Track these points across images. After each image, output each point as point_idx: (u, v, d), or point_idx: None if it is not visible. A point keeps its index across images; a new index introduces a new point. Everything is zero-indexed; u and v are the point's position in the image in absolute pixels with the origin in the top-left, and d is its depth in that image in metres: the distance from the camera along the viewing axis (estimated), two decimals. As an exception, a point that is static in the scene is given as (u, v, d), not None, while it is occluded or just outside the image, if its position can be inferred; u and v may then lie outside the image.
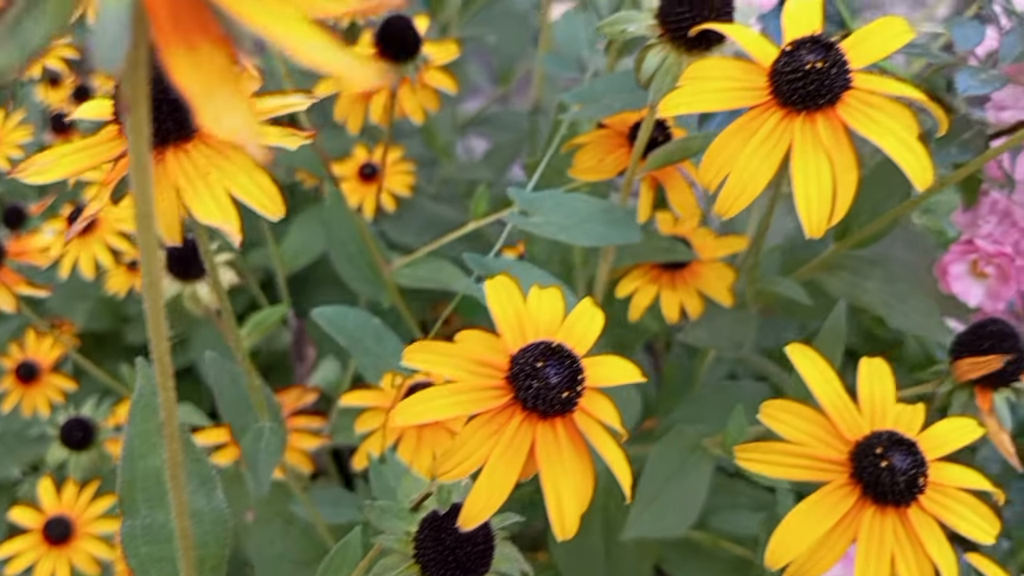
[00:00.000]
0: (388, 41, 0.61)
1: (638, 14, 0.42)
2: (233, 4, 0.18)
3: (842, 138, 0.35)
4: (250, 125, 0.19)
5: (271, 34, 0.18)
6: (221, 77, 0.19)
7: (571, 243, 0.47)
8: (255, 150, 0.19)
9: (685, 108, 0.38)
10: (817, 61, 0.34)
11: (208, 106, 0.19)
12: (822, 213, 0.35)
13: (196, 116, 0.18)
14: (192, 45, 0.19)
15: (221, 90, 0.19)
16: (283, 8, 0.19)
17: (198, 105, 0.19)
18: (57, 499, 0.77)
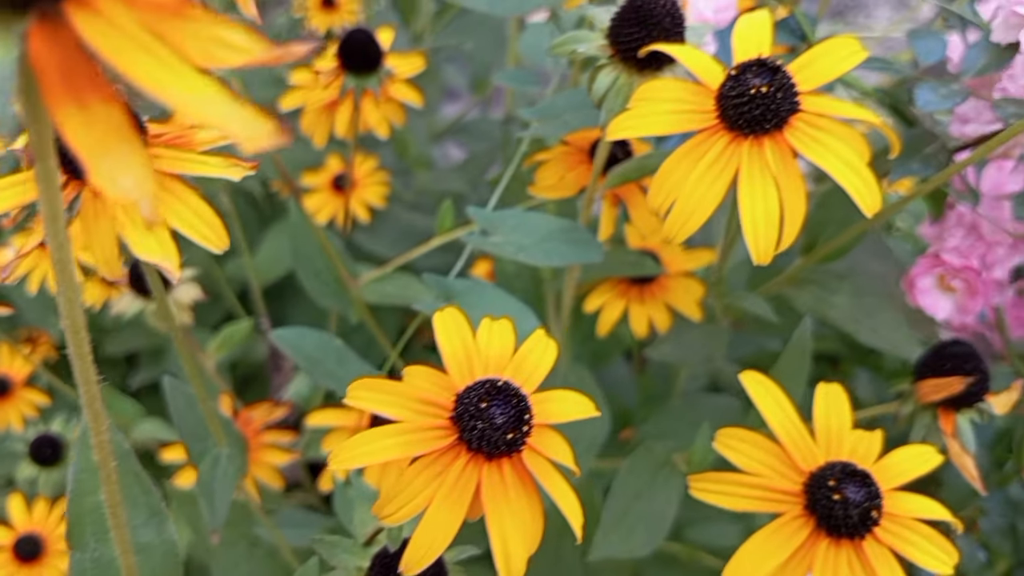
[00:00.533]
0: (349, 55, 0.61)
1: (589, 34, 0.41)
2: (122, 61, 0.17)
3: (790, 163, 0.35)
4: (144, 186, 0.18)
5: (162, 91, 0.17)
6: (116, 135, 0.18)
7: (531, 263, 0.46)
8: (148, 211, 0.18)
9: (633, 131, 0.38)
10: (763, 85, 0.34)
11: (101, 165, 0.18)
12: (769, 240, 0.34)
13: (89, 175, 0.18)
14: (83, 103, 0.18)
15: (116, 148, 0.18)
16: (176, 62, 0.18)
17: (90, 164, 0.18)
18: (28, 516, 0.76)
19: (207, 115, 0.17)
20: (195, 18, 0.19)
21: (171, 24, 0.18)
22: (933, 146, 0.48)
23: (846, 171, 0.34)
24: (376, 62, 0.61)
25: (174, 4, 0.19)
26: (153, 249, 0.34)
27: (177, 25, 0.18)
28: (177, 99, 0.17)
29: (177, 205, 0.35)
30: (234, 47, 0.19)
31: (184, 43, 0.18)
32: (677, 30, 0.39)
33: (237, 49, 0.19)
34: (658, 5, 0.38)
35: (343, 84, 0.62)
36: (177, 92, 0.17)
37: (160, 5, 0.18)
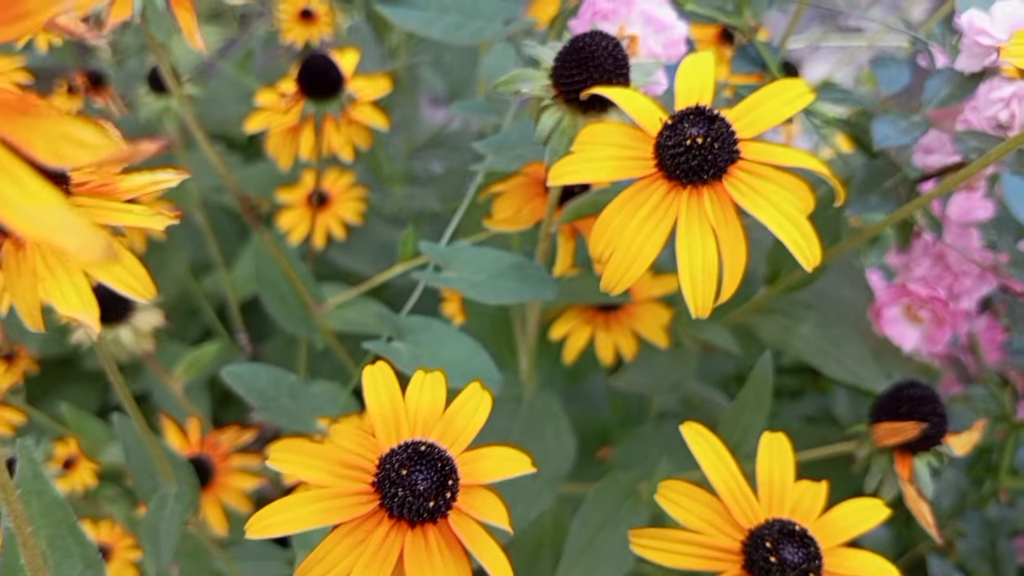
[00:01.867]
0: (309, 80, 0.60)
1: (535, 72, 0.40)
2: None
3: (730, 213, 0.34)
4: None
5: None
6: None
7: (481, 300, 0.45)
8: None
9: (574, 177, 0.37)
10: (699, 136, 0.33)
11: None
12: (707, 293, 0.33)
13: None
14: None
15: None
16: (19, 172, 0.17)
17: None
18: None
19: (43, 228, 0.16)
20: (43, 115, 0.18)
21: (19, 122, 0.18)
22: (893, 179, 0.47)
23: (785, 224, 0.33)
24: (336, 87, 0.60)
25: (22, 102, 0.18)
26: (73, 303, 0.33)
27: (25, 123, 0.18)
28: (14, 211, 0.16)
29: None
30: (83, 144, 0.18)
31: (32, 141, 0.18)
32: (620, 72, 0.38)
33: (86, 146, 0.18)
34: (599, 47, 0.37)
35: (303, 109, 0.61)
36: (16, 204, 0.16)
37: (7, 103, 0.18)
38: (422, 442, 0.30)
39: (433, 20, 0.53)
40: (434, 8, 0.53)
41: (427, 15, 0.53)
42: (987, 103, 0.45)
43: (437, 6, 0.53)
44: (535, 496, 0.57)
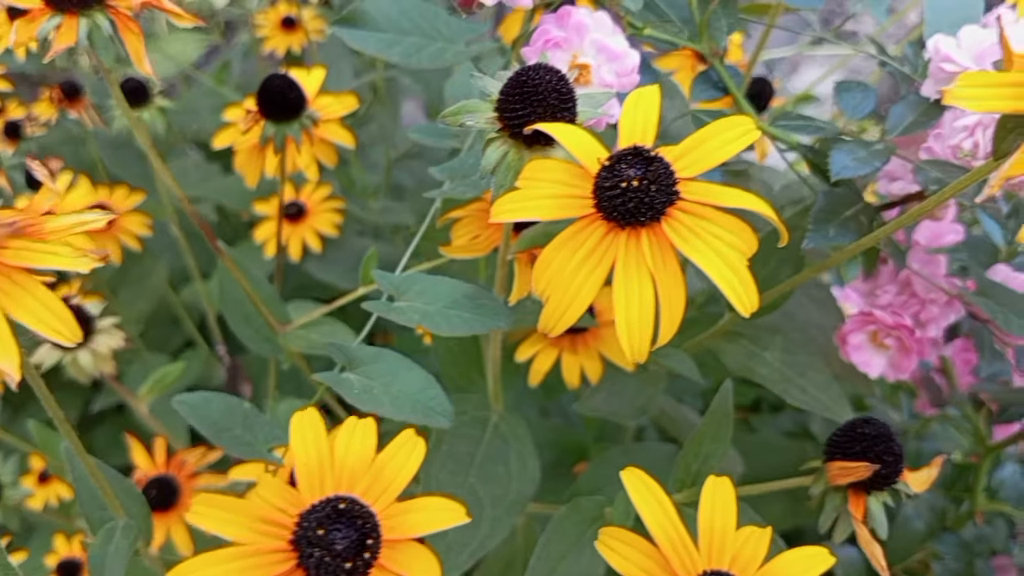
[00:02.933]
0: (267, 102, 0.59)
1: (481, 104, 0.39)
2: None
3: (669, 256, 0.33)
4: None
5: None
6: None
7: (434, 331, 0.44)
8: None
9: (515, 215, 0.36)
10: (635, 178, 0.32)
11: None
12: (643, 339, 0.32)
13: None
14: None
15: None
16: None
17: None
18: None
19: None
20: None
21: None
22: (854, 208, 0.46)
23: (723, 270, 0.32)
24: (297, 109, 0.59)
25: None
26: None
27: None
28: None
29: (26, 299, 0.33)
30: None
31: None
32: (564, 106, 0.37)
33: None
34: (543, 82, 0.36)
35: (263, 131, 0.60)
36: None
37: None
38: (342, 498, 0.29)
39: (392, 42, 0.52)
40: (393, 30, 0.52)
41: (386, 37, 0.52)
42: (951, 131, 0.44)
43: (396, 28, 0.52)
44: (496, 523, 0.56)
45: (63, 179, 0.94)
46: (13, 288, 0.33)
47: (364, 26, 0.52)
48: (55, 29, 0.45)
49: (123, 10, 0.47)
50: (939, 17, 0.49)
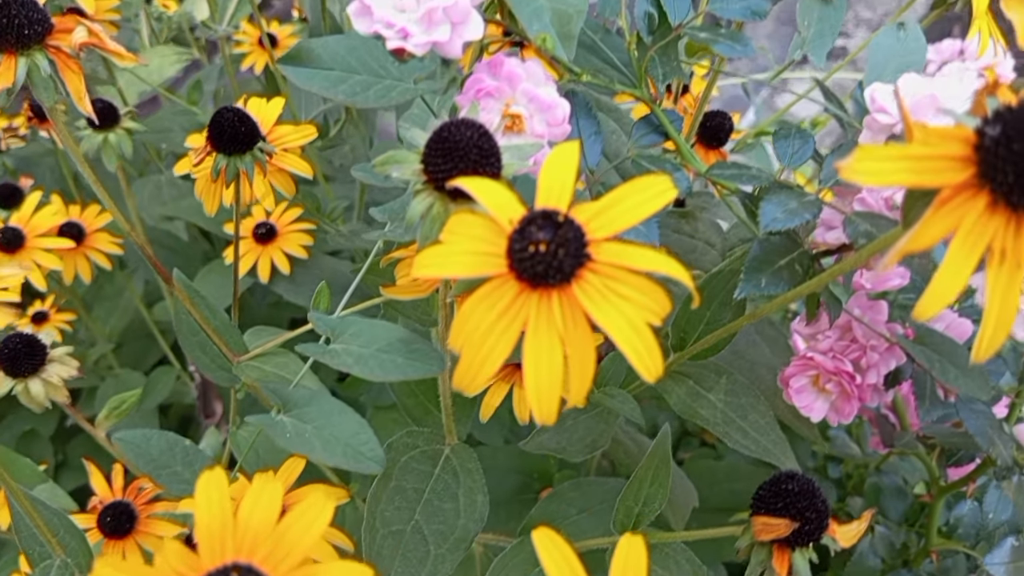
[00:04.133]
0: (218, 136, 0.59)
1: (408, 155, 0.39)
2: None
3: (579, 317, 0.33)
4: None
5: None
6: None
7: (367, 377, 0.45)
8: None
9: (436, 270, 0.36)
10: (543, 242, 0.32)
11: None
12: (552, 400, 0.32)
13: None
14: None
15: None
16: None
17: None
18: None
19: None
20: None
21: None
22: (788, 257, 0.46)
23: (629, 335, 0.32)
24: (248, 142, 0.59)
25: None
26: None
27: None
28: None
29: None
30: None
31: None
32: (487, 161, 0.37)
33: None
34: (464, 137, 0.37)
35: (215, 163, 0.60)
36: None
37: None
38: (239, 565, 0.29)
39: (338, 80, 0.52)
40: (340, 67, 0.53)
41: (331, 75, 0.52)
42: (883, 183, 0.44)
43: (343, 66, 0.53)
44: (439, 561, 0.56)
45: (32, 198, 0.95)
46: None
47: (310, 64, 0.52)
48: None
49: (64, 48, 0.47)
50: (881, 63, 0.49)
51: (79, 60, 0.47)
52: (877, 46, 0.49)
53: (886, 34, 0.49)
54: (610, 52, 0.49)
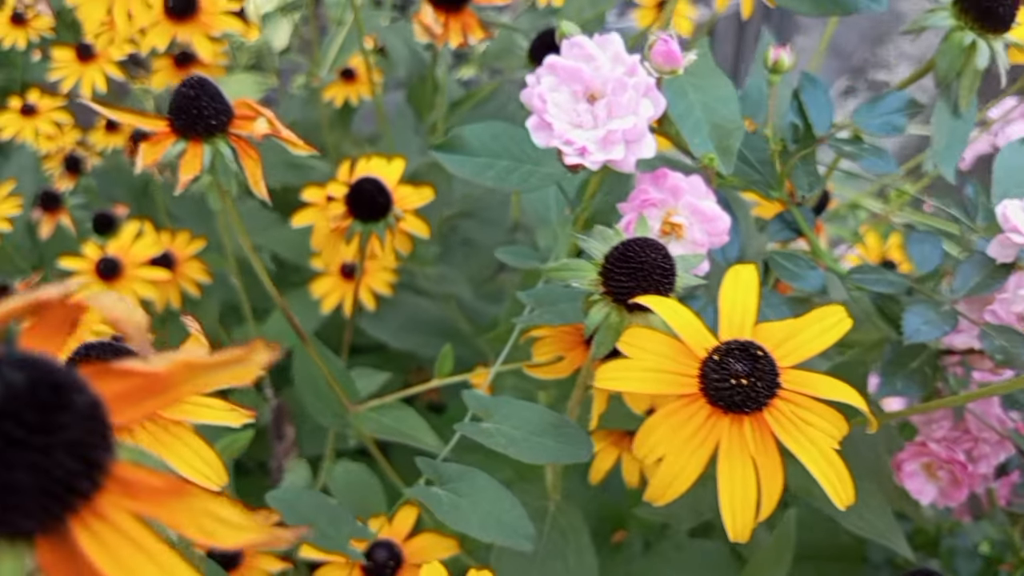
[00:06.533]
0: (357, 204, 0.62)
1: (584, 265, 0.43)
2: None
3: (769, 442, 0.36)
4: None
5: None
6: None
7: (518, 458, 0.48)
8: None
9: (620, 384, 0.39)
10: (743, 376, 0.35)
11: None
12: (746, 519, 0.35)
13: None
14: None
15: None
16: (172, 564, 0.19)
17: None
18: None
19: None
20: (192, 495, 0.20)
21: (170, 505, 0.20)
22: (919, 359, 0.49)
23: (821, 464, 0.35)
24: (384, 211, 0.63)
25: (172, 486, 0.20)
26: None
27: (175, 505, 0.20)
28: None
29: (179, 447, 0.37)
30: (230, 524, 0.20)
31: (182, 522, 0.20)
32: (666, 282, 0.40)
33: (233, 526, 0.20)
34: (649, 259, 0.40)
35: (350, 228, 0.63)
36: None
37: (159, 489, 0.20)
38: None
39: (486, 167, 0.55)
40: (485, 154, 0.56)
41: (480, 162, 0.55)
42: (1016, 297, 0.47)
43: (488, 152, 0.56)
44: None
45: (131, 228, 0.98)
46: (168, 438, 0.37)
47: (461, 151, 0.55)
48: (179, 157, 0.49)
49: (244, 136, 0.50)
50: (1008, 176, 0.52)
51: (257, 148, 0.50)
52: (1003, 162, 0.51)
53: (1011, 151, 0.52)
54: (749, 153, 0.52)
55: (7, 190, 1.07)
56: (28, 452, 0.17)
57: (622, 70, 0.43)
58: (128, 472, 0.19)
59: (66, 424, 0.18)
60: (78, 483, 0.18)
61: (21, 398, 0.17)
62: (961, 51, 0.48)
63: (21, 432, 0.17)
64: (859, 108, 0.50)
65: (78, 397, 0.18)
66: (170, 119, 0.49)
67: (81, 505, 0.18)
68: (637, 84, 0.42)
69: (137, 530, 0.19)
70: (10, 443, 0.17)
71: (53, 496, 0.18)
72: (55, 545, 0.18)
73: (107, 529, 0.19)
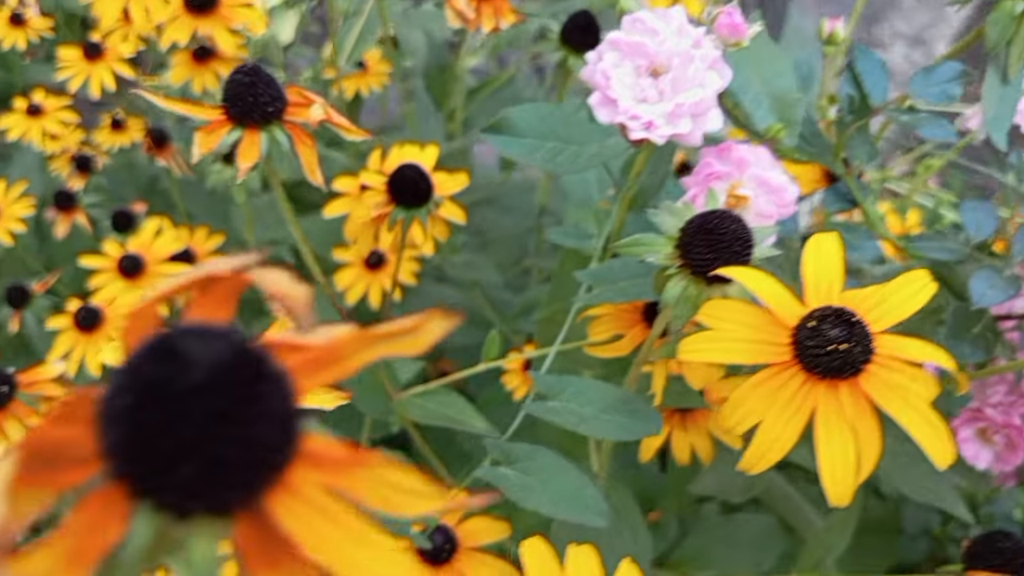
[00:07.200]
0: (400, 191, 0.62)
1: (656, 240, 0.43)
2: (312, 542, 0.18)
3: (864, 407, 0.36)
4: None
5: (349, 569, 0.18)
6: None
7: (590, 435, 0.48)
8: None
9: (707, 355, 0.39)
10: (842, 341, 0.35)
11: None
12: (847, 485, 0.35)
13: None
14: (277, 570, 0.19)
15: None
16: (362, 534, 0.19)
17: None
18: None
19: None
20: (374, 465, 0.20)
21: (352, 475, 0.20)
22: (980, 324, 0.49)
23: (920, 423, 0.35)
24: (426, 197, 0.62)
25: (354, 456, 0.20)
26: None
27: (358, 475, 0.20)
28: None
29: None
30: (413, 493, 0.20)
31: (364, 492, 0.20)
32: (746, 252, 0.40)
33: (416, 495, 0.20)
34: (729, 230, 0.40)
35: (392, 215, 0.63)
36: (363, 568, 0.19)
37: (342, 459, 0.20)
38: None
39: (534, 148, 0.55)
40: (532, 135, 0.55)
41: (527, 143, 0.55)
42: (1075, 258, 0.47)
43: (535, 133, 0.55)
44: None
45: (151, 225, 0.97)
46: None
47: (509, 132, 0.55)
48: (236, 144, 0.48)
49: (299, 124, 0.49)
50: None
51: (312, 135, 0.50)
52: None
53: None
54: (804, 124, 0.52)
55: (18, 191, 1.06)
56: (235, 425, 0.17)
57: (688, 43, 0.43)
58: (313, 443, 0.19)
59: (266, 395, 0.17)
60: (279, 455, 0.18)
61: (226, 370, 0.17)
62: (1012, 19, 0.49)
63: (228, 405, 0.17)
64: (914, 77, 0.50)
65: (273, 368, 0.18)
66: (225, 107, 0.48)
67: (279, 478, 0.18)
68: (704, 57, 0.42)
69: (329, 502, 0.19)
70: (219, 416, 0.17)
71: (258, 469, 0.18)
72: (252, 521, 0.18)
73: (300, 503, 0.19)
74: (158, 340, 0.17)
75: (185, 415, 0.16)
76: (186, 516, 0.17)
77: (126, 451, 0.17)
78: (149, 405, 0.16)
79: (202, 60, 0.89)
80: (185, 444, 0.16)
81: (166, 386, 0.16)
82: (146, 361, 0.17)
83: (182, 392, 0.16)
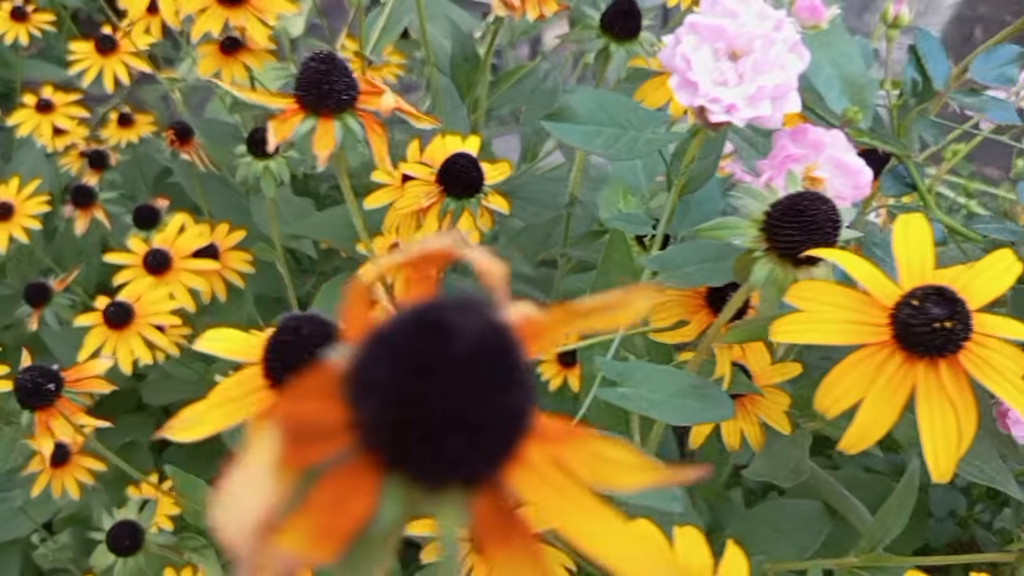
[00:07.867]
0: (451, 181, 0.62)
1: (741, 223, 0.43)
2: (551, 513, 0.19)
3: (964, 383, 0.37)
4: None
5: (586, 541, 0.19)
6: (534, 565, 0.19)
7: (663, 419, 0.48)
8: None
9: (801, 336, 0.40)
10: (946, 320, 0.36)
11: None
12: (949, 462, 0.36)
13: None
14: (509, 545, 0.19)
15: None
16: (591, 504, 0.19)
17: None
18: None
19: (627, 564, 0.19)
20: (586, 438, 0.20)
21: (568, 448, 0.20)
22: (1045, 305, 0.50)
23: (1019, 397, 0.36)
24: (478, 186, 0.63)
25: (568, 429, 0.20)
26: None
27: (572, 448, 0.20)
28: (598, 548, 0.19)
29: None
30: (625, 466, 0.20)
31: (577, 465, 0.20)
32: (836, 233, 0.41)
33: (628, 468, 0.20)
34: (820, 211, 0.40)
35: (443, 205, 0.63)
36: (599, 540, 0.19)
37: (559, 433, 0.20)
38: None
39: (594, 134, 0.55)
40: (592, 122, 0.56)
41: (587, 129, 0.55)
42: None
43: (595, 120, 0.56)
44: None
45: (176, 220, 0.97)
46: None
47: (569, 119, 0.55)
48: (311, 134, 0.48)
49: (371, 112, 0.50)
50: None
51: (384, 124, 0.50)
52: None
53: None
54: (864, 110, 0.53)
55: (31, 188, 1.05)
56: (498, 395, 0.17)
57: (769, 26, 0.43)
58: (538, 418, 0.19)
59: (519, 365, 0.18)
60: (526, 426, 0.18)
61: (489, 341, 0.17)
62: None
63: (492, 375, 0.17)
64: (974, 60, 0.51)
65: (518, 339, 0.18)
66: (298, 95, 0.48)
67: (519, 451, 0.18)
68: (786, 39, 0.43)
69: (559, 475, 0.19)
70: (484, 387, 0.17)
71: (511, 440, 0.18)
72: (490, 495, 0.19)
73: (534, 476, 0.19)
74: (419, 312, 0.17)
75: (453, 386, 0.17)
76: (438, 489, 0.18)
77: (387, 423, 0.17)
78: (414, 376, 0.17)
79: (230, 52, 0.88)
80: (453, 414, 0.17)
81: (432, 357, 0.17)
82: (409, 333, 0.17)
83: (450, 363, 0.17)
